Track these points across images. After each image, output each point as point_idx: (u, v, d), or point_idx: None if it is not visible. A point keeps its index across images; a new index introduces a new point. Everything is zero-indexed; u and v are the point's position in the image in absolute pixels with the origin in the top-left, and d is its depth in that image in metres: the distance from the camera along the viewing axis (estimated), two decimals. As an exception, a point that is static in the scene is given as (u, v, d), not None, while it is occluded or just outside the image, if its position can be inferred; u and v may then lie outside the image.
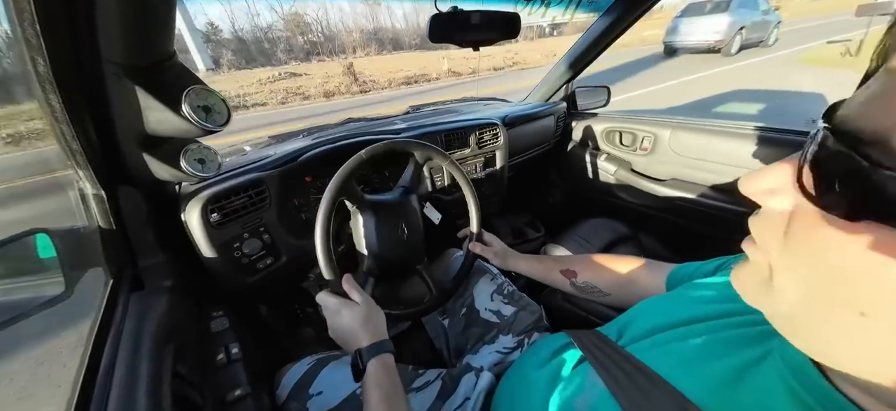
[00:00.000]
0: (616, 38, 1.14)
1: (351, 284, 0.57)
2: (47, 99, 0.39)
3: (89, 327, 0.47)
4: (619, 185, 1.31)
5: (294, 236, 0.76)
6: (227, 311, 0.64)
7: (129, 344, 0.43)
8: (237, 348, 0.57)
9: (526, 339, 0.68)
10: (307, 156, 0.78)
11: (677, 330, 0.37)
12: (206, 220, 0.64)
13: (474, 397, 0.57)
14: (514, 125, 1.21)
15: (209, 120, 0.46)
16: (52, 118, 0.41)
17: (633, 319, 0.44)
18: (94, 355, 0.42)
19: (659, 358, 0.35)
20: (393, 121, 1.12)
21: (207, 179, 0.66)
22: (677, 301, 0.41)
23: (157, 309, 0.49)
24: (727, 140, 1.02)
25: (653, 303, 0.45)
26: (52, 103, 0.40)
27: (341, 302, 0.56)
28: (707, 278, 0.42)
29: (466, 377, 0.61)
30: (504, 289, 0.77)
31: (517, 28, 0.86)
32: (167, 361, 0.43)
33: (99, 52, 0.39)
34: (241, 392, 0.52)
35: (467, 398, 0.57)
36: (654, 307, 0.44)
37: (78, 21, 0.37)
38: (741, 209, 1.01)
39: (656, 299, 0.45)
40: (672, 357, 0.34)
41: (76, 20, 0.37)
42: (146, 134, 0.49)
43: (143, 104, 0.44)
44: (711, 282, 0.40)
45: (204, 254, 0.65)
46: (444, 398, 0.59)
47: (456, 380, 0.61)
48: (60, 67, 0.38)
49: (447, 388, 0.60)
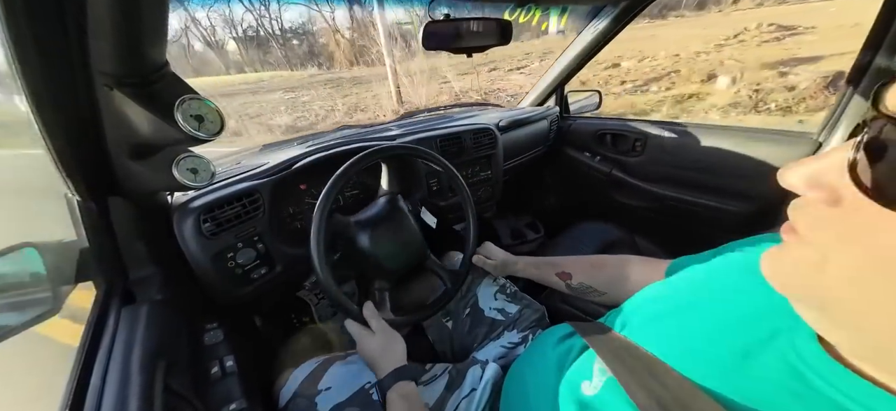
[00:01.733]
0: (606, 42, 1.17)
1: (370, 312, 0.61)
2: (36, 108, 0.39)
3: (80, 341, 0.46)
4: (613, 187, 1.33)
5: (289, 245, 0.76)
6: (220, 324, 0.63)
7: (120, 359, 0.41)
8: (232, 361, 0.56)
9: (530, 335, 0.69)
10: (301, 164, 0.78)
11: (677, 316, 0.37)
12: (198, 231, 0.63)
13: (481, 387, 0.58)
14: (509, 129, 1.22)
15: (202, 129, 0.45)
16: (41, 127, 0.40)
17: (634, 308, 0.44)
18: (83, 370, 0.41)
19: (661, 343, 0.35)
20: (387, 127, 1.12)
21: (200, 189, 0.65)
22: (675, 287, 0.42)
23: (148, 323, 0.48)
24: (718, 140, 1.04)
25: (651, 291, 0.45)
26: (40, 113, 0.39)
27: (362, 332, 0.60)
28: (704, 263, 0.43)
29: (473, 369, 0.62)
30: (507, 289, 0.78)
31: (509, 35, 0.87)
32: (159, 376, 0.42)
33: (89, 63, 0.38)
34: (236, 406, 0.51)
35: (474, 389, 0.59)
36: (653, 294, 0.44)
37: (68, 32, 0.37)
38: (733, 208, 1.03)
39: (655, 287, 0.46)
40: (674, 342, 0.35)
41: (66, 31, 0.37)
42: (137, 144, 0.49)
43: (134, 114, 0.43)
44: (708, 267, 0.41)
45: (197, 265, 0.64)
46: (452, 390, 0.60)
47: (462, 373, 0.62)
48: (49, 77, 0.37)
49: (454, 381, 0.61)
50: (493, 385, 0.59)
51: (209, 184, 0.61)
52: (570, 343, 0.48)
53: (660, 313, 0.40)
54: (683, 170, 1.13)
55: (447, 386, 0.60)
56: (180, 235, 0.63)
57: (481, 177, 1.12)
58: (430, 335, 0.82)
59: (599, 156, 1.37)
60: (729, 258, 0.40)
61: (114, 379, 0.39)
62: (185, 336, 0.57)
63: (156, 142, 0.48)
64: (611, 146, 1.33)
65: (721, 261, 0.40)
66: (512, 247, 1.43)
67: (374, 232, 0.69)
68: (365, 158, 0.65)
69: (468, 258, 0.75)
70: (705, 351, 0.32)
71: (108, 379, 0.39)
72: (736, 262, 0.38)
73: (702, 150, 1.07)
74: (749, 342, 0.29)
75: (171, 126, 0.43)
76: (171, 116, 0.43)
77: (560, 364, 0.45)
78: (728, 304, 0.34)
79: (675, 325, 0.36)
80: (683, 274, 0.44)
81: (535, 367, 0.50)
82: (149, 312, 0.50)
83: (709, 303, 0.36)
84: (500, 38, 0.87)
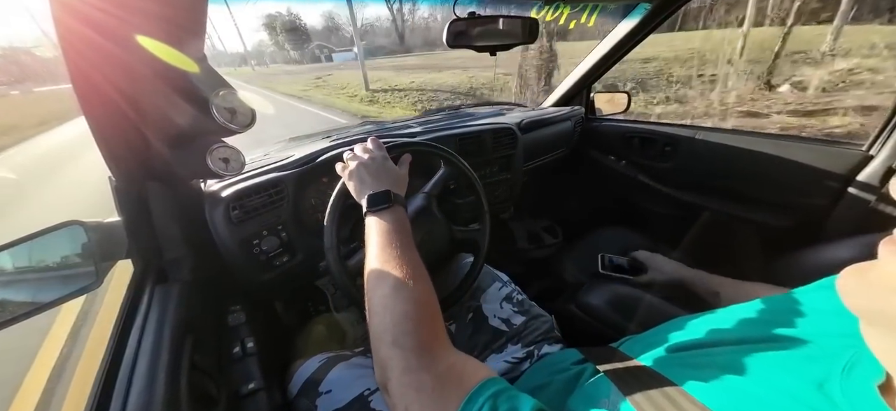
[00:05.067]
0: (636, 43, 1.12)
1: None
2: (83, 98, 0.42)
3: (117, 314, 0.49)
4: (639, 192, 1.28)
5: (310, 235, 0.78)
6: (243, 306, 0.66)
7: (153, 333, 0.44)
8: (252, 342, 0.59)
9: (535, 351, 0.66)
10: (324, 157, 0.80)
11: (714, 350, 0.35)
12: (227, 217, 0.66)
13: None
14: (530, 130, 1.20)
15: (234, 121, 0.48)
16: (88, 117, 0.43)
17: (663, 335, 0.42)
18: (120, 340, 0.44)
19: (693, 376, 0.33)
20: (408, 124, 1.13)
21: (231, 178, 0.69)
22: (715, 319, 0.39)
23: (179, 301, 0.51)
24: (755, 147, 0.98)
25: (686, 321, 0.42)
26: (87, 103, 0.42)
27: (384, 155, 0.59)
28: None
29: None
30: (514, 298, 0.75)
31: (536, 33, 0.86)
32: (186, 351, 0.45)
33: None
34: (255, 385, 0.54)
35: None
36: (688, 324, 0.42)
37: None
38: (770, 221, 0.97)
39: (691, 317, 0.43)
40: (708, 377, 0.32)
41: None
42: (175, 133, 0.52)
43: (173, 104, 0.46)
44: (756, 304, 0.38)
45: (225, 249, 0.67)
46: None
47: None
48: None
49: None
50: None
51: (239, 174, 0.64)
52: (580, 370, 0.45)
53: (693, 343, 0.37)
54: (716, 178, 1.08)
55: None
56: (211, 221, 0.67)
57: (500, 177, 1.11)
58: None
59: (625, 161, 1.32)
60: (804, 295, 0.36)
61: (147, 349, 0.42)
62: (211, 315, 0.60)
63: (192, 131, 0.51)
64: (638, 150, 1.28)
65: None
66: (528, 252, 1.41)
67: (413, 219, 0.69)
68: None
69: (480, 262, 0.74)
70: (744, 390, 0.29)
71: (141, 350, 0.42)
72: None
73: (736, 158, 1.01)
74: (794, 385, 0.27)
75: (206, 116, 0.46)
76: (206, 107, 0.45)
77: (567, 390, 0.44)
78: (770, 343, 0.32)
79: (708, 358, 0.34)
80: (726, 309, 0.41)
81: (541, 395, 0.48)
82: (180, 291, 0.53)
83: (753, 339, 0.33)
84: (527, 37, 0.85)
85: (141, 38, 0.39)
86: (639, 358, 0.40)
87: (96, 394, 0.39)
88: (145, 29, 0.38)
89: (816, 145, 0.90)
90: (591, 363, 0.44)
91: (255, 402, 0.52)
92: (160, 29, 0.39)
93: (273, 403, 0.54)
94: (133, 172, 0.53)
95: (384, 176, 0.56)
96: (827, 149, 0.87)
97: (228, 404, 0.48)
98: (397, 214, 0.51)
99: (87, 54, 0.39)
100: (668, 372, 0.34)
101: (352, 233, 0.74)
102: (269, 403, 0.53)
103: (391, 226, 0.49)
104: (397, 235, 0.48)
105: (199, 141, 0.56)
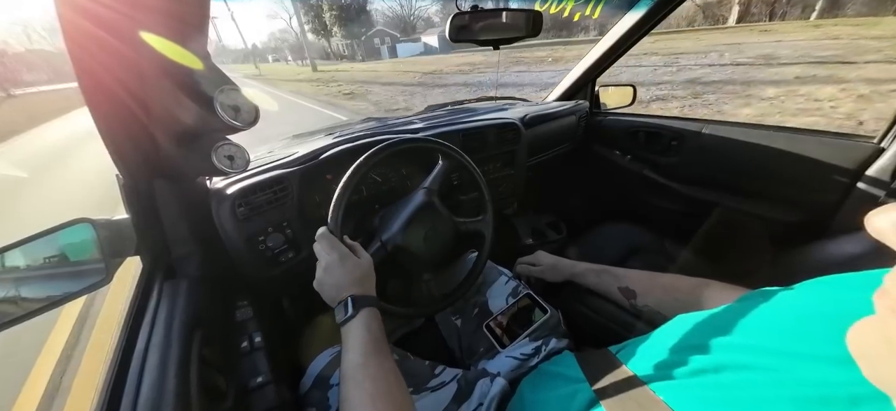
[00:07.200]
0: (642, 36, 1.11)
1: (355, 246, 0.58)
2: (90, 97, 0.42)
3: (127, 310, 0.50)
4: (644, 187, 1.27)
5: (314, 231, 0.78)
6: (250, 301, 0.67)
7: (162, 328, 0.45)
8: (260, 337, 0.60)
9: (543, 346, 0.66)
10: (328, 154, 0.80)
11: (715, 360, 0.32)
12: (233, 214, 0.67)
13: (487, 403, 0.56)
14: (534, 125, 1.19)
15: (238, 119, 0.48)
16: (95, 115, 0.44)
17: (661, 341, 0.40)
18: (130, 335, 0.45)
19: (686, 393, 0.31)
20: (411, 120, 1.13)
21: (237, 175, 0.69)
22: (722, 321, 0.35)
23: (188, 297, 0.52)
24: (764, 140, 0.96)
25: (689, 321, 0.39)
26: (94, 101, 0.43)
27: (345, 252, 0.54)
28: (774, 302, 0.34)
29: (482, 382, 0.61)
30: (519, 293, 0.75)
31: (540, 26, 0.85)
32: (196, 346, 0.46)
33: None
34: (263, 379, 0.54)
35: (481, 403, 0.57)
36: (690, 326, 0.38)
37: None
38: (778, 216, 0.95)
39: (697, 316, 0.39)
40: (705, 397, 0.29)
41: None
42: (181, 131, 0.52)
43: (178, 101, 0.46)
44: (775, 307, 0.33)
45: (232, 245, 0.68)
46: (460, 401, 0.58)
47: (472, 384, 0.61)
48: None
49: (463, 392, 0.60)
50: (500, 401, 0.57)
51: (244, 171, 0.64)
52: (574, 390, 0.44)
53: (693, 351, 0.34)
54: (722, 172, 1.06)
55: (455, 397, 0.59)
56: (217, 217, 0.67)
57: (503, 173, 1.11)
58: (443, 331, 0.83)
59: (631, 155, 1.31)
60: (811, 290, 0.32)
61: (157, 344, 0.43)
62: (219, 311, 0.61)
63: (197, 129, 0.51)
64: (644, 144, 1.26)
65: (802, 304, 0.32)
66: (531, 247, 1.41)
67: (416, 215, 0.69)
68: (376, 153, 0.64)
69: (484, 256, 0.74)
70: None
71: (151, 345, 0.43)
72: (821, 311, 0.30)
73: (744, 152, 1.00)
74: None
75: (210, 114, 0.46)
76: (211, 104, 0.45)
77: (564, 403, 0.43)
78: (788, 358, 0.28)
79: (708, 373, 0.31)
80: (734, 306, 0.37)
81: (538, 404, 0.48)
82: (188, 287, 0.54)
83: (764, 351, 0.30)
84: (530, 30, 0.85)
85: (146, 34, 0.39)
86: (639, 370, 0.38)
87: (109, 386, 0.39)
88: (151, 25, 0.39)
89: (826, 138, 0.88)
90: (586, 383, 0.43)
91: (263, 395, 0.53)
92: (165, 25, 0.39)
93: (281, 396, 0.55)
94: (140, 170, 0.53)
95: (344, 279, 0.53)
96: (837, 142, 0.86)
97: (237, 397, 0.49)
98: (364, 320, 0.48)
99: (93, 52, 0.39)
100: (667, 394, 0.33)
101: (355, 230, 0.75)
102: (276, 396, 0.54)
103: (360, 337, 0.47)
104: (367, 346, 0.46)
105: (205, 138, 0.56)
